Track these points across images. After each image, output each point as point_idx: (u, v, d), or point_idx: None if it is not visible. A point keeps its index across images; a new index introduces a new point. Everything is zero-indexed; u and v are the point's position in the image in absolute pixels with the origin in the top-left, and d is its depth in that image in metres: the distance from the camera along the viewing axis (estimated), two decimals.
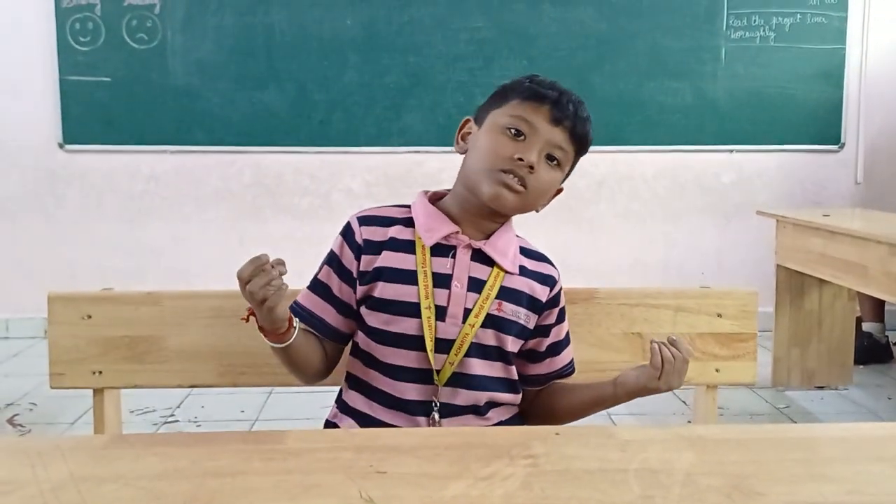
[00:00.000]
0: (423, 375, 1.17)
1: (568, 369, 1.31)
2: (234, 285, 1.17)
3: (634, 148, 4.01)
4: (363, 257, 1.20)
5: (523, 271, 1.23)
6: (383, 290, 1.18)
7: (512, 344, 1.22)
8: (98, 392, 1.39)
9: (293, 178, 4.00)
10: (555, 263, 1.30)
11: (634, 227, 4.10)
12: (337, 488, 0.76)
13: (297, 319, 1.16)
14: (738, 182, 4.10)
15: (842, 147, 4.09)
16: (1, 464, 0.82)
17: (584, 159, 1.29)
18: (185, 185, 3.99)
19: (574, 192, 4.04)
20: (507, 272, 1.21)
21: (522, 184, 1.16)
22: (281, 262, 1.05)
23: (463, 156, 1.24)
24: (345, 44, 3.85)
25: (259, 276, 1.04)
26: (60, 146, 3.91)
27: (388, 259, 1.19)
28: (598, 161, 4.01)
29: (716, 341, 1.43)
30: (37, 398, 3.04)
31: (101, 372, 1.38)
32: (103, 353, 1.37)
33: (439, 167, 3.79)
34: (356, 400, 1.21)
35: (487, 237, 1.22)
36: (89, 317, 1.37)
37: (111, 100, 3.86)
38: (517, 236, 1.28)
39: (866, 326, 3.51)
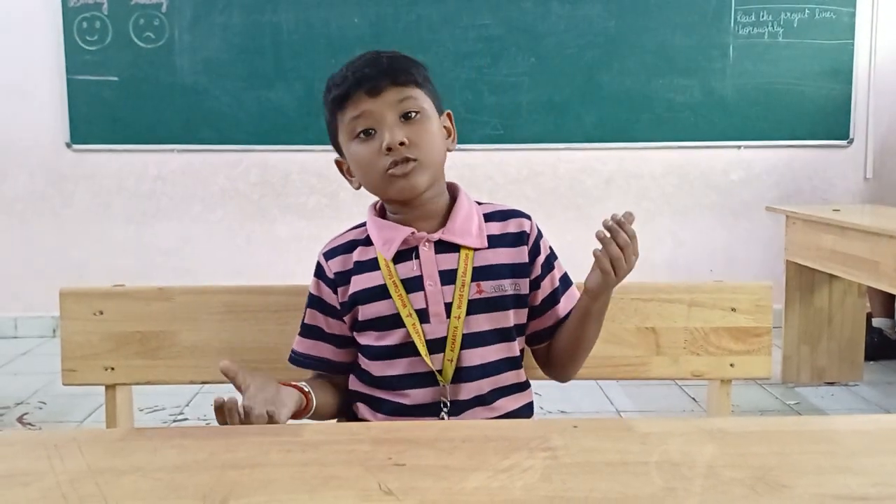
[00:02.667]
0: (426, 379, 1.16)
1: None
2: (244, 281, 1.17)
3: (643, 145, 3.99)
4: (339, 289, 1.20)
5: (493, 241, 1.20)
6: (364, 312, 1.18)
7: (514, 317, 1.19)
8: (110, 388, 1.38)
9: (300, 177, 4.00)
10: (525, 213, 1.25)
11: (643, 225, 4.04)
12: (356, 480, 0.75)
13: (308, 387, 1.13)
14: (746, 179, 4.09)
15: (850, 143, 4.07)
16: (18, 456, 0.82)
17: (592, 156, 1.28)
18: (192, 185, 4.00)
19: (582, 189, 4.03)
20: (476, 249, 1.18)
21: (409, 160, 1.14)
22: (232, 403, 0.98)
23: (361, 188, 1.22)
24: (352, 42, 3.84)
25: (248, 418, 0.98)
26: (68, 146, 3.92)
27: (357, 283, 1.18)
28: (606, 159, 4.00)
29: (730, 336, 1.41)
30: (46, 397, 3.04)
31: (113, 368, 1.37)
32: (115, 349, 1.37)
33: (447, 164, 3.77)
34: (364, 411, 1.21)
35: (444, 223, 1.20)
36: (101, 313, 1.37)
37: (118, 99, 3.86)
38: (478, 203, 1.25)
39: (877, 322, 3.50)
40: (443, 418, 1.16)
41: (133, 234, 4.01)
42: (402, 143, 1.13)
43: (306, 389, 1.12)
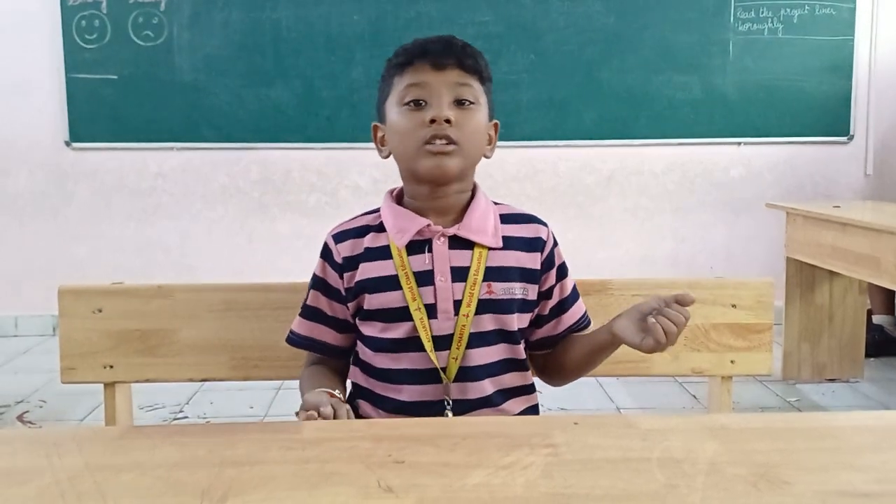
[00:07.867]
0: (429, 376, 1.14)
1: (581, 324, 1.25)
2: (244, 279, 1.16)
3: (643, 142, 3.99)
4: (345, 274, 1.18)
5: (508, 243, 1.18)
6: (370, 301, 1.16)
7: (518, 321, 1.18)
8: (109, 386, 1.37)
9: (300, 175, 3.99)
10: (542, 219, 1.24)
11: (643, 222, 4.09)
12: (355, 477, 0.75)
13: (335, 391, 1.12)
14: (746, 175, 4.08)
15: (851, 139, 4.06)
16: (16, 454, 0.82)
17: (592, 154, 1.27)
18: (192, 182, 3.99)
19: (583, 187, 4.03)
20: (490, 248, 1.17)
21: (451, 141, 1.12)
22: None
23: (391, 158, 1.21)
24: (352, 39, 3.84)
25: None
26: (67, 144, 3.91)
27: (367, 270, 1.16)
28: (606, 156, 4.00)
29: (731, 332, 1.41)
30: (46, 395, 3.04)
31: (112, 366, 1.37)
32: (114, 347, 1.36)
33: None
34: (365, 408, 1.20)
35: (460, 219, 1.18)
36: (100, 310, 1.36)
37: (118, 97, 3.86)
38: (495, 203, 1.24)
39: (877, 319, 3.49)
40: (447, 416, 1.14)
41: (133, 232, 4.00)
42: (447, 121, 1.12)
43: (335, 392, 1.11)
